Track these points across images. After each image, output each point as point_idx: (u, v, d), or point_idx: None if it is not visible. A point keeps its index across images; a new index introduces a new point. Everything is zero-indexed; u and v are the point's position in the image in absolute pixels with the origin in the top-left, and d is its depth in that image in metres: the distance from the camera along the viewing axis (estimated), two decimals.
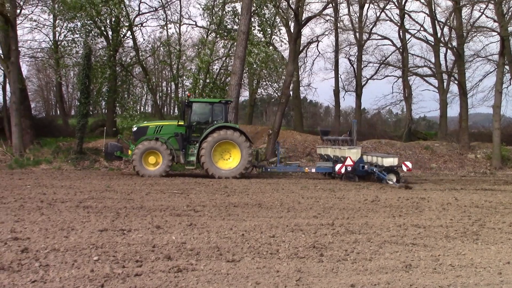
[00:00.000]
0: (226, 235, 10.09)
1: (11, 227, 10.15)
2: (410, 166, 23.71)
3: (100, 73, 34.51)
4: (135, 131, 24.49)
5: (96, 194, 16.02)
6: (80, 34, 35.47)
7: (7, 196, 14.97)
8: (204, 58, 35.00)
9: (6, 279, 6.85)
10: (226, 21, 37.00)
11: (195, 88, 36.37)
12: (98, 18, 34.23)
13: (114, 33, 36.13)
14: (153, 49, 42.03)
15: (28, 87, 46.45)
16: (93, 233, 9.89)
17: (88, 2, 31.23)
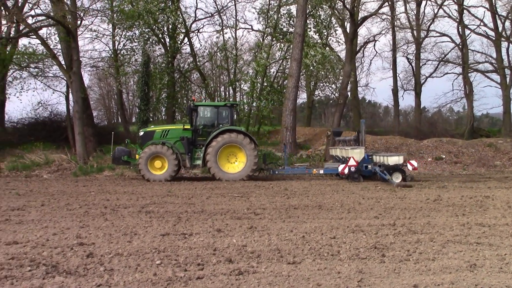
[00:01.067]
0: (287, 237, 10.08)
1: (77, 233, 10.39)
2: (416, 165, 23.38)
3: (158, 80, 35.06)
4: (142, 136, 24.52)
5: (158, 199, 16.23)
6: (139, 42, 36.13)
7: (72, 202, 15.32)
8: (261, 61, 35.18)
9: (73, 283, 7.01)
10: (282, 24, 37.10)
11: (252, 91, 36.54)
12: (155, 26, 34.79)
13: (171, 40, 36.63)
14: (210, 54, 42.46)
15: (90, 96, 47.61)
16: (155, 237, 10.02)
17: (145, 10, 31.77)
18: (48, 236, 10.12)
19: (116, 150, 24.23)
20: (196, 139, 23.85)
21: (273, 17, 37.31)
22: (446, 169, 29.53)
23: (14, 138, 33.43)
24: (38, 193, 17.93)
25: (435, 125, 50.63)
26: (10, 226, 11.37)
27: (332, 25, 39.77)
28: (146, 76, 28.49)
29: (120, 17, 34.59)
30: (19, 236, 10.14)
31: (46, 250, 8.83)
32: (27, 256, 8.40)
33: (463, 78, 48.63)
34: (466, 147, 33.92)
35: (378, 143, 33.44)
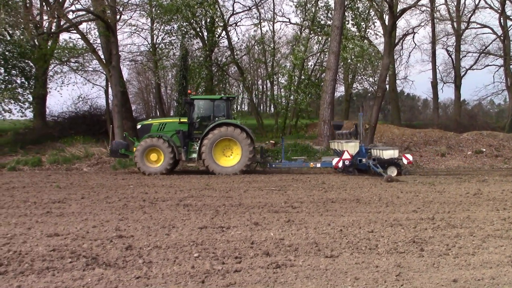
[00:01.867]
0: (324, 231, 10.06)
1: (116, 225, 10.51)
2: (411, 159, 23.16)
3: (197, 74, 35.19)
4: (139, 129, 24.71)
5: (196, 192, 16.33)
6: (177, 36, 36.33)
7: (111, 195, 15.50)
8: (299, 54, 35.10)
9: (112, 275, 7.10)
10: (320, 17, 36.92)
11: (290, 85, 36.47)
12: (193, 20, 34.94)
13: (209, 33, 36.75)
14: (248, 47, 42.48)
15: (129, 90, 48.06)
16: (193, 230, 10.09)
17: (183, 4, 31.90)
18: (88, 228, 10.27)
19: (114, 143, 24.59)
20: (192, 133, 23.99)
21: (311, 10, 37.12)
22: (487, 163, 29.15)
23: (55, 131, 33.88)
24: (78, 186, 18.18)
25: (475, 118, 49.97)
26: (51, 218, 11.56)
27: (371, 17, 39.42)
28: (184, 70, 28.63)
29: (159, 11, 34.79)
30: (60, 228, 10.30)
31: (86, 242, 8.95)
32: (68, 248, 8.54)
33: (505, 70, 47.85)
34: (508, 141, 33.42)
35: (417, 136, 33.15)
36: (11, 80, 30.19)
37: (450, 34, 50.50)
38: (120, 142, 24.64)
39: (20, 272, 7.20)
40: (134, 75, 65.99)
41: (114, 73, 29.43)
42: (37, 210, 12.78)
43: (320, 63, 39.69)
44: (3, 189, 17.19)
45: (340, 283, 6.91)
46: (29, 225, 10.68)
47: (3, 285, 6.66)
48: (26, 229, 10.18)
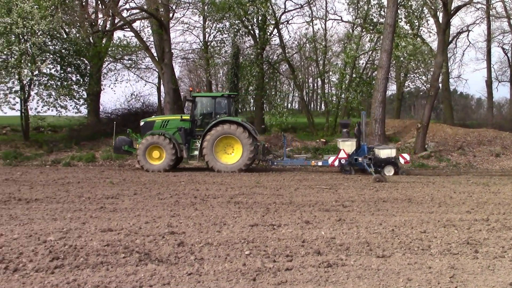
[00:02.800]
0: (376, 231, 9.99)
1: (168, 222, 10.63)
2: (408, 158, 22.91)
3: (248, 71, 35.27)
4: (143, 126, 24.72)
5: (247, 190, 16.38)
6: (229, 34, 36.44)
7: (163, 192, 15.67)
8: (350, 53, 34.85)
9: (164, 271, 7.19)
10: (372, 15, 36.55)
11: (341, 83, 36.26)
12: (245, 18, 35.00)
13: (261, 31, 36.75)
14: (299, 45, 42.33)
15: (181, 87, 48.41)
16: (244, 228, 10.14)
17: (236, 2, 32.00)
18: (140, 224, 10.42)
19: (117, 140, 24.59)
20: (194, 130, 23.95)
21: (363, 7, 36.82)
22: None
23: (108, 128, 34.33)
24: (130, 182, 18.45)
25: None
26: (105, 213, 11.76)
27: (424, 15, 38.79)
28: (235, 68, 28.74)
29: (211, 9, 34.99)
30: (113, 223, 10.48)
31: (139, 238, 9.09)
32: (121, 243, 8.68)
33: None
34: None
35: (470, 136, 32.53)
36: (67, 77, 30.75)
37: (506, 32, 49.41)
38: (123, 139, 24.68)
39: (76, 266, 7.36)
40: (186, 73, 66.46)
41: (167, 71, 29.74)
42: (91, 205, 13.03)
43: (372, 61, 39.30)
44: (59, 184, 17.56)
45: (392, 283, 6.86)
46: (84, 220, 10.90)
47: (59, 278, 6.81)
48: (81, 224, 10.39)
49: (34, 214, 11.64)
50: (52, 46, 30.49)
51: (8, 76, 27.38)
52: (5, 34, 26.28)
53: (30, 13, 25.67)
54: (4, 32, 26.09)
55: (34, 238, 9.04)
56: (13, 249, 8.28)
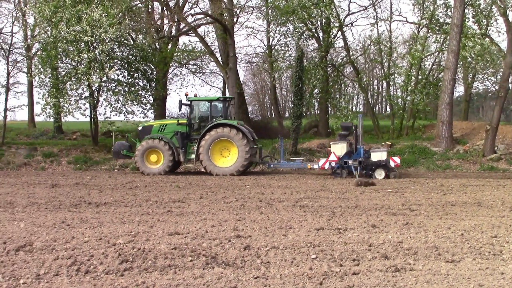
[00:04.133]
0: (444, 235, 9.80)
1: (234, 225, 10.70)
2: (398, 161, 22.26)
3: (312, 75, 35.19)
4: (141, 130, 25.16)
5: (312, 193, 16.34)
6: (292, 37, 36.45)
7: (229, 196, 15.79)
8: (416, 54, 34.33)
9: (231, 274, 7.24)
10: (438, 15, 35.88)
11: (407, 85, 35.77)
12: (309, 21, 34.96)
13: (325, 34, 36.63)
14: (364, 48, 42.00)
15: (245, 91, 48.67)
16: (310, 231, 10.11)
17: (299, 5, 31.99)
18: (207, 228, 10.51)
19: (116, 144, 25.04)
20: (191, 133, 24.25)
21: (429, 8, 36.16)
22: None
23: None
24: (196, 186, 18.65)
25: None
26: (172, 217, 11.92)
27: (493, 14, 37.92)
28: (300, 71, 28.65)
29: (275, 13, 35.10)
30: (180, 227, 10.61)
31: (205, 242, 9.17)
32: (188, 246, 8.77)
33: None
34: None
35: None
36: (134, 83, 31.34)
37: None
38: (122, 143, 25.19)
39: (144, 268, 7.48)
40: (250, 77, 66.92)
41: (231, 75, 29.98)
42: (158, 209, 13.24)
43: (438, 63, 38.62)
44: (127, 188, 17.92)
45: None
46: (151, 223, 11.07)
47: (128, 281, 6.94)
48: (149, 227, 10.56)
49: (103, 217, 11.90)
50: (120, 53, 31.17)
51: (78, 83, 28.13)
52: (75, 42, 27.00)
53: (98, 21, 26.29)
54: (74, 40, 26.81)
55: (104, 241, 9.24)
56: (84, 251, 8.49)
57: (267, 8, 36.24)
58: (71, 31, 26.33)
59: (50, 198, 15.27)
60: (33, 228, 10.50)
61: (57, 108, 28.51)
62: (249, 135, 23.51)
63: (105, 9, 26.72)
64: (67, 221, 11.25)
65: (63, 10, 26.98)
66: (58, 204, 14.08)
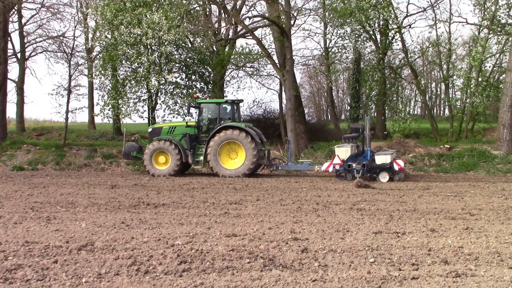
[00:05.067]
0: (507, 240, 9.59)
1: (291, 228, 10.70)
2: (402, 165, 21.72)
3: (369, 77, 34.92)
4: (150, 132, 25.45)
5: (369, 196, 16.19)
6: (350, 40, 36.26)
7: (285, 198, 15.78)
8: (476, 56, 33.68)
9: (289, 277, 7.24)
10: (500, 15, 35.14)
11: (467, 87, 35.13)
12: (366, 23, 34.68)
13: (382, 36, 36.29)
14: (422, 50, 41.40)
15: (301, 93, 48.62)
16: (367, 235, 10.04)
17: (357, 8, 31.76)
18: (264, 230, 10.54)
19: (127, 146, 25.39)
20: (200, 135, 24.40)
21: (490, 8, 35.43)
22: None
23: None
24: (253, 188, 18.71)
25: None
26: (229, 219, 12.00)
27: None
28: (357, 73, 28.50)
29: (332, 15, 34.96)
30: (237, 229, 10.67)
31: (262, 244, 9.20)
32: (246, 248, 8.81)
33: None
34: None
35: None
36: (192, 85, 31.67)
37: None
38: (132, 145, 25.55)
39: (202, 270, 7.55)
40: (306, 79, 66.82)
41: (288, 77, 29.94)
42: (215, 210, 13.34)
43: (500, 64, 37.81)
44: (184, 190, 18.11)
45: None
46: (209, 225, 11.17)
47: (187, 282, 7.02)
48: (206, 229, 10.66)
49: (161, 218, 12.07)
50: (178, 56, 31.54)
51: (137, 85, 28.62)
52: (135, 45, 27.47)
53: (158, 24, 26.70)
54: (134, 43, 27.28)
55: (162, 242, 9.37)
56: (143, 251, 8.63)
57: (324, 10, 36.11)
58: (131, 34, 26.82)
59: (109, 198, 15.56)
60: (94, 228, 10.73)
61: (116, 109, 29.09)
62: (256, 137, 23.59)
63: (164, 12, 27.11)
64: (126, 222, 11.46)
65: (123, 13, 27.52)
66: (118, 204, 14.34)
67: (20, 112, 42.54)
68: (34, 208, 13.77)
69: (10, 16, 35.51)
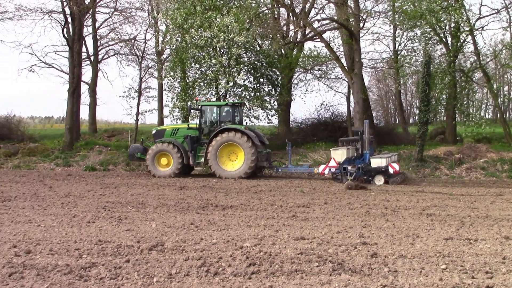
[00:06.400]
0: None
1: (359, 232, 10.62)
2: (397, 168, 21.78)
3: (439, 80, 34.29)
4: (154, 134, 26.25)
5: (439, 201, 15.92)
6: (420, 42, 35.70)
7: (353, 202, 15.67)
8: None
9: (358, 282, 7.19)
10: None
11: None
12: (437, 25, 34.10)
13: (453, 39, 35.60)
14: (495, 52, 40.43)
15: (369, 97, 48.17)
16: (438, 241, 9.86)
17: (428, 10, 31.26)
18: (332, 233, 10.50)
19: (131, 148, 26.33)
20: (201, 138, 25.05)
21: None
22: None
23: (298, 137, 34.91)
24: (320, 192, 18.66)
25: None
26: (297, 222, 12.00)
27: None
28: (427, 77, 27.96)
29: (402, 17, 34.51)
30: (305, 232, 10.66)
31: (331, 248, 9.16)
32: (314, 252, 8.80)
33: None
34: None
35: None
36: (260, 88, 31.81)
37: None
38: (137, 147, 26.33)
39: (271, 272, 7.58)
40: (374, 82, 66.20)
41: (356, 81, 29.72)
42: (283, 213, 13.36)
43: None
44: (252, 192, 18.22)
45: None
46: (277, 227, 11.20)
47: (256, 284, 7.06)
48: (274, 231, 10.69)
49: (230, 220, 12.17)
50: (247, 58, 31.74)
51: (206, 88, 29.00)
52: (206, 47, 27.84)
53: (228, 27, 26.99)
54: (205, 46, 27.65)
55: (231, 244, 9.45)
56: (212, 253, 8.72)
57: (394, 13, 35.68)
58: (202, 36, 27.20)
59: (178, 200, 15.81)
60: (164, 229, 10.91)
61: (185, 111, 29.53)
62: (256, 140, 24.01)
63: (235, 15, 27.37)
64: (195, 223, 11.61)
65: (193, 17, 27.91)
66: (187, 206, 14.54)
67: (93, 114, 43.69)
68: (106, 207, 14.13)
69: (85, 20, 36.49)
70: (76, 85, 34.56)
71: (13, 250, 8.85)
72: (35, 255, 8.57)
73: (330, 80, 41.95)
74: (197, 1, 28.41)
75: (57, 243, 9.41)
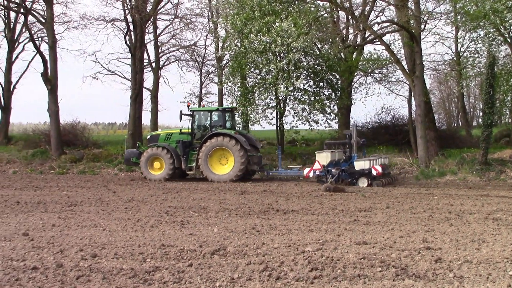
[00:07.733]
0: None
1: (423, 237, 10.45)
2: (380, 170, 22.23)
3: (504, 82, 33.53)
4: (149, 139, 26.95)
5: (505, 206, 15.52)
6: (483, 43, 34.99)
7: (416, 206, 15.44)
8: None
9: (422, 287, 7.07)
10: None
11: None
12: (502, 26, 33.37)
13: None
14: None
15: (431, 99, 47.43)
16: (505, 246, 9.62)
17: (491, 10, 30.62)
18: (395, 238, 10.37)
19: (127, 152, 27.55)
20: (193, 142, 25.76)
21: None
22: None
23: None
24: (382, 196, 18.45)
25: None
26: (359, 226, 11.91)
27: None
28: (491, 78, 27.38)
29: (464, 18, 33.88)
30: (367, 236, 10.57)
31: (394, 252, 9.06)
32: (377, 257, 8.71)
33: None
34: None
35: None
36: (319, 92, 31.74)
37: None
38: (132, 151, 27.19)
39: (334, 277, 7.53)
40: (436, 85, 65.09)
41: (418, 83, 29.30)
42: (344, 217, 13.27)
43: None
44: (313, 196, 18.17)
45: None
46: (338, 232, 11.13)
47: None
48: (336, 236, 10.62)
49: (291, 224, 12.16)
50: (306, 62, 31.72)
51: (266, 92, 29.11)
52: (264, 52, 27.98)
53: (286, 32, 27.06)
54: (263, 51, 27.79)
55: (293, 248, 9.44)
56: (274, 257, 8.73)
57: (456, 14, 35.05)
58: (261, 41, 27.35)
59: (240, 204, 15.89)
60: (226, 233, 10.98)
61: (245, 116, 29.74)
62: (246, 144, 24.32)
63: (293, 19, 27.41)
64: (257, 227, 11.64)
65: (252, 22, 28.08)
66: (248, 210, 14.60)
67: (154, 119, 44.28)
68: (168, 212, 14.33)
69: (146, 27, 37.10)
70: (138, 91, 35.18)
71: (80, 254, 9.06)
72: (100, 259, 8.75)
73: (391, 83, 41.42)
74: (256, 6, 28.56)
75: (122, 247, 9.59)
